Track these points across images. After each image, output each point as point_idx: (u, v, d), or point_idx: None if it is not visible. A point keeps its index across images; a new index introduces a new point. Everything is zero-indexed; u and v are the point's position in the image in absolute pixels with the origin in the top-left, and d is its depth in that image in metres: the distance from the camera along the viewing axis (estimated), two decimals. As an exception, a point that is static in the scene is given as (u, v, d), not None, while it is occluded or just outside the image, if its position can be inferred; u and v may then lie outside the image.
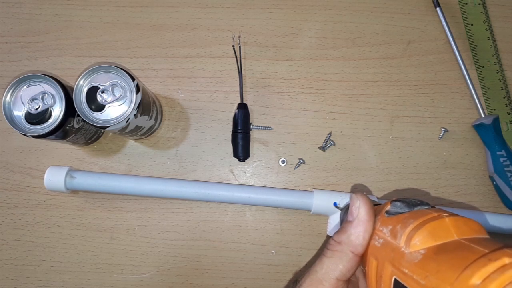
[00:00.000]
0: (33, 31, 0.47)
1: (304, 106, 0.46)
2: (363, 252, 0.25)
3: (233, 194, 0.42)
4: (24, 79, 0.37)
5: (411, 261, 0.19)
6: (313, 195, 0.41)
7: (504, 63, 0.47)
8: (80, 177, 0.41)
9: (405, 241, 0.21)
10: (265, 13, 0.47)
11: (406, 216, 0.22)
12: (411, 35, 0.47)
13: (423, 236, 0.20)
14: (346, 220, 0.26)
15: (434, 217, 0.21)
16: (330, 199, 0.40)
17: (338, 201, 0.40)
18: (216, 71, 0.46)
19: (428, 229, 0.20)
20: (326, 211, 0.41)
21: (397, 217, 0.23)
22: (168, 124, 0.46)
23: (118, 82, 0.36)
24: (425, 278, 0.18)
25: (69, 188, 0.41)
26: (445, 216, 0.21)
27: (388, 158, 0.45)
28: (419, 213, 0.22)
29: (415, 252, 0.20)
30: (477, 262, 0.16)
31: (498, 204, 0.44)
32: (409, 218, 0.22)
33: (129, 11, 0.47)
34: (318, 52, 0.47)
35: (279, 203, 0.42)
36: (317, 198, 0.41)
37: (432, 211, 0.22)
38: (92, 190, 0.43)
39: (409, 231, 0.21)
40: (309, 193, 0.41)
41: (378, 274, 0.22)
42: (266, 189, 0.43)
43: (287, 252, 0.43)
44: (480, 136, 0.44)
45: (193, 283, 0.43)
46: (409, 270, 0.19)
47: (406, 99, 0.46)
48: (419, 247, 0.20)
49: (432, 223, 0.20)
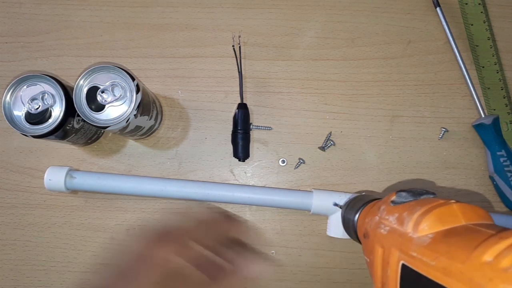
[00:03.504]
0: (33, 31, 0.47)
1: (304, 106, 0.46)
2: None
3: (233, 194, 0.42)
4: (24, 79, 0.37)
5: (420, 245, 0.20)
6: (312, 195, 0.41)
7: (504, 63, 0.47)
8: (80, 177, 0.41)
9: (412, 227, 0.21)
10: (265, 13, 0.47)
11: (413, 204, 0.23)
12: (411, 35, 0.47)
13: (431, 221, 0.20)
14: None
15: (441, 204, 0.21)
16: (330, 199, 0.40)
17: (338, 201, 0.40)
18: (216, 71, 0.46)
19: (436, 214, 0.21)
20: (326, 211, 0.41)
21: (403, 206, 0.24)
22: (168, 124, 0.46)
23: (118, 82, 0.36)
24: (435, 259, 0.18)
25: (69, 188, 0.41)
26: (452, 202, 0.21)
27: (388, 158, 0.45)
28: (426, 200, 0.23)
29: (424, 237, 0.20)
30: (488, 240, 0.17)
31: (498, 204, 0.44)
32: (415, 206, 0.22)
33: (129, 11, 0.47)
34: (318, 52, 0.47)
35: (279, 203, 0.42)
36: (316, 198, 0.41)
37: (438, 199, 0.22)
38: (92, 190, 0.43)
39: (417, 217, 0.21)
40: (309, 193, 0.41)
41: (385, 260, 0.22)
42: (266, 189, 0.43)
43: (287, 252, 0.43)
44: (480, 136, 0.44)
45: (193, 283, 0.43)
46: (417, 253, 0.19)
47: (406, 99, 0.46)
48: (427, 232, 0.20)
49: (440, 208, 0.21)
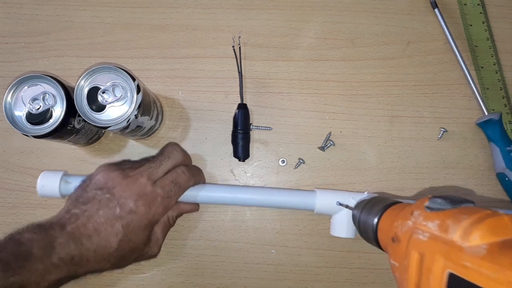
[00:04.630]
0: (34, 31, 0.47)
1: (304, 106, 0.46)
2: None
3: (234, 196, 0.41)
4: (25, 80, 0.37)
5: (474, 255, 0.19)
6: (315, 194, 0.40)
7: (503, 64, 0.47)
8: (75, 182, 0.39)
9: (461, 236, 0.21)
10: (265, 13, 0.47)
11: (455, 212, 0.23)
12: (410, 35, 0.47)
13: (483, 231, 0.20)
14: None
15: (490, 214, 0.21)
16: (334, 198, 0.40)
17: (341, 200, 0.39)
18: (217, 72, 0.46)
19: (488, 225, 0.20)
20: (330, 211, 0.40)
21: (444, 213, 0.23)
22: (168, 124, 0.46)
23: (118, 83, 0.36)
24: (498, 272, 0.18)
25: (64, 195, 0.39)
26: (502, 214, 0.21)
27: (388, 158, 0.45)
28: (470, 209, 0.22)
29: (476, 247, 0.20)
30: None
31: (498, 204, 0.44)
32: (460, 214, 0.22)
33: (130, 11, 0.47)
34: (317, 53, 0.47)
35: (281, 203, 0.41)
36: (320, 198, 0.40)
37: (482, 209, 0.22)
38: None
39: (466, 226, 0.21)
40: (312, 193, 0.41)
41: (425, 267, 0.22)
42: (268, 189, 0.43)
43: (287, 251, 0.44)
44: (487, 134, 0.44)
45: (193, 282, 0.43)
46: (472, 263, 0.19)
47: (406, 100, 0.46)
48: (478, 242, 0.20)
49: (491, 219, 0.21)
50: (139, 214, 0.35)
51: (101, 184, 0.36)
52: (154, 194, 0.36)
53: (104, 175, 0.36)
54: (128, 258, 0.36)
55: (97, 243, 0.33)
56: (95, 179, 0.36)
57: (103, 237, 0.33)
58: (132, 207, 0.34)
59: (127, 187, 0.35)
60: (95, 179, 0.36)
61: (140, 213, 0.35)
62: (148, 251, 0.38)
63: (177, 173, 0.38)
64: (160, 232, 0.38)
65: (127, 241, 0.34)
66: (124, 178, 0.35)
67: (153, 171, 0.37)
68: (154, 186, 0.36)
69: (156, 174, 0.37)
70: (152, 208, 0.35)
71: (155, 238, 0.38)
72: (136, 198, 0.35)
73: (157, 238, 0.38)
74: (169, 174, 0.38)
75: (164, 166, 0.38)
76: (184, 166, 0.39)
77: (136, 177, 0.36)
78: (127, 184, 0.35)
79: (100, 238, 0.33)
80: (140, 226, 0.35)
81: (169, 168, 0.38)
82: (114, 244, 0.34)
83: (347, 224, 0.39)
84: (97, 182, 0.36)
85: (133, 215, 0.34)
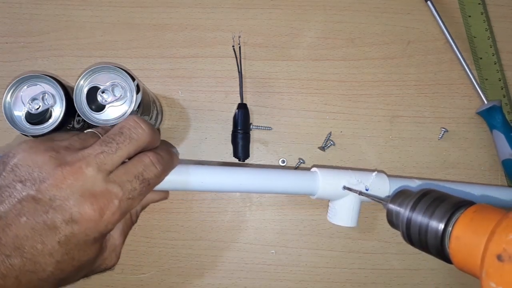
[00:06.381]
0: (33, 31, 0.47)
1: (304, 106, 0.46)
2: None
3: (223, 182, 0.36)
4: (25, 79, 0.37)
5: None
6: (317, 176, 0.36)
7: (503, 63, 0.47)
8: None
9: None
10: (265, 13, 0.47)
11: None
12: (410, 35, 0.47)
13: None
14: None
15: None
16: (338, 181, 0.36)
17: (347, 184, 0.35)
18: (216, 71, 0.46)
19: None
20: (333, 195, 0.36)
21: None
22: (168, 124, 0.46)
23: (118, 82, 0.36)
24: None
25: None
26: None
27: (388, 158, 0.45)
28: None
29: None
30: None
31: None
32: None
33: (130, 11, 0.47)
34: (318, 52, 0.47)
35: (276, 187, 0.36)
36: (322, 179, 0.35)
37: None
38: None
39: None
40: (312, 174, 0.37)
41: None
42: (262, 171, 0.37)
43: (287, 252, 0.44)
44: (489, 122, 0.44)
45: (193, 282, 0.43)
46: None
47: (406, 99, 0.46)
48: None
49: None
50: (85, 225, 0.24)
51: (23, 173, 0.24)
52: (108, 194, 0.24)
53: (26, 157, 0.24)
54: (73, 278, 0.26)
55: (20, 267, 0.22)
56: (12, 162, 0.24)
57: (30, 259, 0.22)
58: (73, 213, 0.23)
59: (65, 181, 0.23)
60: (12, 162, 0.24)
61: (86, 223, 0.24)
62: (101, 264, 0.28)
63: (144, 165, 0.27)
64: (118, 236, 0.29)
65: (69, 260, 0.24)
66: (59, 165, 0.24)
67: (106, 157, 0.25)
68: (108, 181, 0.25)
69: (111, 162, 0.25)
70: (104, 215, 0.24)
71: (111, 246, 0.28)
72: (80, 200, 0.23)
73: (114, 246, 0.28)
74: (131, 164, 0.27)
75: (123, 150, 0.26)
76: (152, 153, 0.28)
77: (78, 165, 0.24)
78: (65, 177, 0.23)
79: (24, 260, 0.22)
80: (87, 240, 0.24)
81: (129, 153, 0.27)
82: (49, 267, 0.23)
83: (352, 211, 0.35)
84: (15, 168, 0.24)
85: (75, 225, 0.23)
